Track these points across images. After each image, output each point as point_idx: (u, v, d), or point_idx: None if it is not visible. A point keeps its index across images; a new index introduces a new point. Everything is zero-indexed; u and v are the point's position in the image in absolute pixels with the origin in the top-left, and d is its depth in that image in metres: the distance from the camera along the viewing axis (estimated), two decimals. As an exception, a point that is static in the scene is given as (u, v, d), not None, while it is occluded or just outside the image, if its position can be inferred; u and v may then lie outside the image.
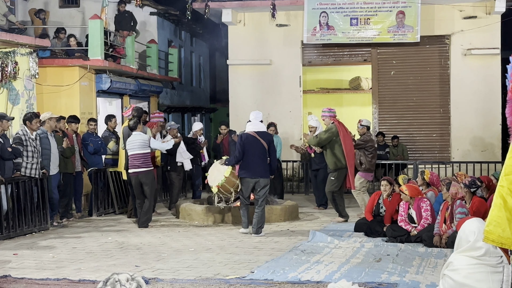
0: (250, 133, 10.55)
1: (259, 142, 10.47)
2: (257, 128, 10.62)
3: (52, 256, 8.86)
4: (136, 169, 11.47)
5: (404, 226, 9.67)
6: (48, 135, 11.49)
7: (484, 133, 17.07)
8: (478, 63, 17.06)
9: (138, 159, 11.44)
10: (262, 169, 10.49)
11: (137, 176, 11.50)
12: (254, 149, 10.44)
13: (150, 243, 9.87)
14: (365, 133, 12.50)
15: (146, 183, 11.48)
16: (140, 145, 11.44)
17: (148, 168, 11.52)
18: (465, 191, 9.10)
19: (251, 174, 10.46)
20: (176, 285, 6.97)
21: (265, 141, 10.52)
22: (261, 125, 10.80)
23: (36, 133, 11.07)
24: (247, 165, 10.47)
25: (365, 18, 16.87)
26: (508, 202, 3.87)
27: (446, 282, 5.09)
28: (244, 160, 10.49)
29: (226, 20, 17.62)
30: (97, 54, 14.81)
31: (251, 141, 10.45)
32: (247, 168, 10.49)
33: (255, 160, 10.44)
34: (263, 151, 10.50)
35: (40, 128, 11.29)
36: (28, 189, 10.81)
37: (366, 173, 12.39)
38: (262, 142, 10.48)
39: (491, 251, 4.88)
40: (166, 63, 20.81)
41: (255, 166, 10.44)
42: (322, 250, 9.09)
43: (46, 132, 11.43)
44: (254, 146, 10.44)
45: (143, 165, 11.45)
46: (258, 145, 10.46)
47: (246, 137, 10.51)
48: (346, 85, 20.58)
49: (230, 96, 18.22)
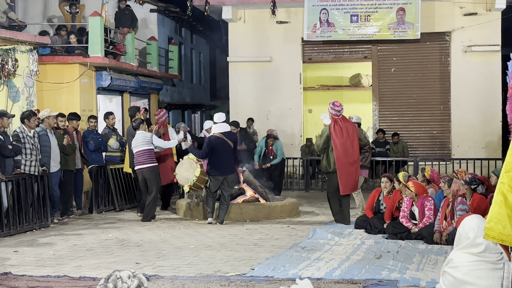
0: (217, 134, 11.37)
1: (225, 142, 11.30)
2: (222, 129, 11.43)
3: (53, 253, 8.86)
4: (141, 165, 11.90)
5: (405, 223, 9.66)
6: (48, 133, 11.49)
7: (484, 130, 17.06)
8: (479, 60, 17.05)
9: (142, 155, 11.86)
10: (230, 166, 11.40)
11: (142, 173, 11.93)
12: (222, 149, 11.27)
13: (151, 240, 9.87)
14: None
15: (150, 179, 11.91)
16: (143, 142, 11.89)
17: (152, 164, 11.93)
18: (466, 188, 9.11)
19: (221, 172, 11.29)
20: (177, 282, 6.97)
21: (230, 140, 11.38)
22: (226, 126, 11.58)
23: (35, 130, 11.06)
24: (216, 164, 11.29)
25: (366, 15, 16.87)
26: (509, 199, 3.88)
27: (447, 279, 5.09)
28: (213, 159, 11.31)
29: (226, 17, 17.61)
30: (97, 52, 14.81)
31: (218, 142, 11.28)
32: (217, 167, 11.30)
33: (223, 159, 11.27)
34: (230, 150, 11.36)
35: (40, 125, 11.31)
36: (29, 186, 10.81)
37: (362, 170, 12.00)
38: (228, 142, 11.32)
39: (491, 247, 4.88)
40: (166, 60, 20.81)
41: (223, 165, 11.29)
42: (323, 247, 9.09)
43: (45, 130, 11.44)
44: (221, 146, 11.27)
45: (147, 161, 11.86)
46: (225, 145, 11.29)
47: (214, 139, 11.33)
48: (346, 82, 20.59)
49: (230, 93, 18.21)
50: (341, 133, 11.06)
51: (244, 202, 12.19)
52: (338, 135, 11.04)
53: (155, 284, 6.87)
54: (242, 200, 12.24)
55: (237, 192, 12.50)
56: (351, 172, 11.11)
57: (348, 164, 11.04)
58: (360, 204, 12.01)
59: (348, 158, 11.05)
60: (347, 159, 11.04)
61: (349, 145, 11.07)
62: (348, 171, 11.06)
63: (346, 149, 11.04)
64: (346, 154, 11.03)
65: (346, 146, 11.05)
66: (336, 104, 11.16)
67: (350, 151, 11.09)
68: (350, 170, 11.09)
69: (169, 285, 6.83)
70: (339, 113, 11.15)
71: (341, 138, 11.03)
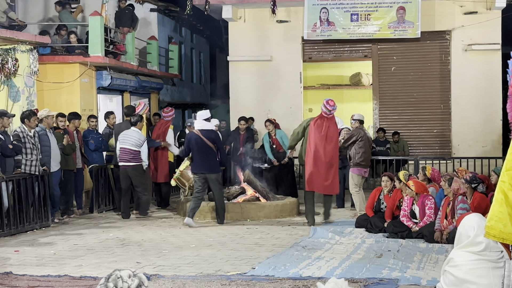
0: (195, 132, 11.29)
1: (202, 140, 11.14)
2: (201, 127, 11.29)
3: (53, 253, 8.86)
4: (126, 162, 12.11)
5: (406, 222, 9.66)
6: (47, 132, 11.49)
7: (485, 128, 17.05)
8: (479, 59, 17.04)
9: (128, 154, 12.08)
10: (207, 165, 11.16)
11: (125, 170, 12.11)
12: (199, 147, 11.16)
13: (151, 240, 9.88)
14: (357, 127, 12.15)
15: (134, 175, 12.09)
16: (134, 143, 12.06)
17: (137, 163, 12.15)
18: (466, 187, 9.10)
19: (198, 169, 11.21)
20: (178, 281, 6.97)
21: (208, 139, 11.16)
22: (206, 124, 11.35)
23: (35, 130, 11.07)
24: (195, 161, 11.29)
25: (366, 14, 16.85)
26: (510, 197, 3.87)
27: (447, 278, 5.09)
28: (193, 157, 11.31)
29: (226, 16, 17.59)
30: (98, 51, 14.80)
31: (195, 140, 11.20)
32: (195, 164, 11.29)
33: (200, 157, 11.16)
34: (207, 148, 11.15)
35: (39, 125, 11.32)
36: (29, 186, 10.82)
37: (357, 168, 11.93)
38: (205, 140, 11.12)
39: (492, 246, 4.88)
40: (167, 59, 20.80)
41: (200, 163, 11.18)
42: (323, 246, 9.09)
43: (45, 129, 11.44)
44: (198, 144, 11.16)
45: (132, 160, 12.09)
46: (202, 143, 11.14)
47: (191, 136, 11.33)
48: (346, 81, 20.57)
49: (231, 92, 18.20)
50: (319, 130, 10.92)
51: (244, 201, 12.19)
52: (316, 130, 10.91)
53: (156, 283, 6.87)
54: (243, 200, 12.25)
55: (237, 191, 12.51)
56: (320, 172, 10.90)
57: (317, 162, 10.87)
58: (357, 204, 11.93)
59: (318, 157, 10.88)
60: (317, 157, 10.88)
61: (322, 144, 10.90)
62: (316, 169, 10.88)
63: (318, 148, 10.90)
64: (317, 152, 10.88)
65: (319, 145, 10.90)
66: (330, 103, 11.03)
67: (322, 150, 10.90)
68: (319, 169, 10.90)
69: (169, 284, 6.83)
70: (329, 113, 11.02)
71: (317, 133, 10.90)
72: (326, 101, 11.08)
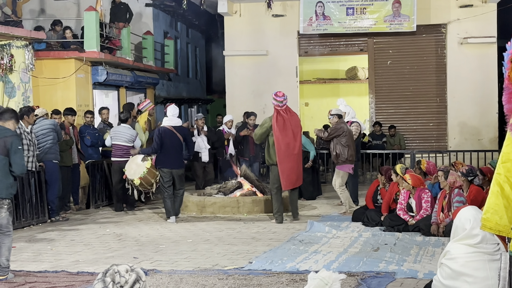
0: (168, 127, 11.21)
1: (175, 135, 11.15)
2: (174, 123, 11.28)
3: (50, 249, 8.86)
4: (119, 158, 12.33)
5: (402, 215, 9.68)
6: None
7: (481, 121, 17.08)
8: (475, 52, 17.05)
9: (121, 150, 12.35)
10: (177, 160, 11.23)
11: (118, 164, 12.29)
12: (171, 142, 11.11)
13: (148, 235, 9.88)
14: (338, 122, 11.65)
15: None
16: (127, 139, 12.38)
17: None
18: (463, 180, 9.12)
19: (169, 165, 11.12)
20: (175, 276, 6.98)
21: (181, 134, 11.25)
22: (178, 120, 11.42)
23: (32, 126, 11.05)
24: (165, 156, 11.12)
25: (361, 8, 16.85)
26: (505, 189, 3.88)
27: (444, 270, 5.10)
28: (161, 152, 11.12)
29: (222, 11, 17.56)
30: (93, 46, 14.75)
31: (168, 135, 11.13)
32: (164, 160, 11.13)
33: (172, 152, 11.12)
34: (179, 144, 11.23)
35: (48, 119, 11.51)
36: (26, 182, 10.80)
37: (346, 165, 11.48)
38: (178, 135, 11.17)
39: (488, 238, 4.89)
40: (162, 54, 20.76)
41: (172, 158, 11.12)
42: (320, 240, 9.11)
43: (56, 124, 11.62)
44: (171, 139, 11.12)
45: (126, 155, 12.27)
46: (175, 138, 11.15)
47: (164, 131, 11.17)
48: (342, 75, 20.58)
49: (227, 87, 18.19)
50: (283, 125, 10.76)
51: (241, 195, 12.19)
52: (280, 127, 10.72)
53: (153, 278, 6.88)
54: (240, 194, 12.26)
55: (234, 186, 12.51)
56: (292, 166, 10.77)
57: (289, 158, 10.73)
58: (346, 202, 11.58)
59: (290, 152, 10.74)
60: (288, 152, 10.72)
61: (290, 138, 10.75)
62: (290, 165, 10.74)
63: (287, 142, 10.73)
64: (287, 147, 10.72)
65: (288, 139, 10.74)
66: (278, 94, 10.81)
67: (292, 144, 10.76)
68: (292, 164, 10.76)
69: (167, 279, 6.84)
70: (282, 104, 10.78)
71: (282, 130, 10.73)
72: (274, 94, 10.85)
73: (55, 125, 11.46)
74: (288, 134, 10.73)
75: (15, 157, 7.14)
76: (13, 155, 7.13)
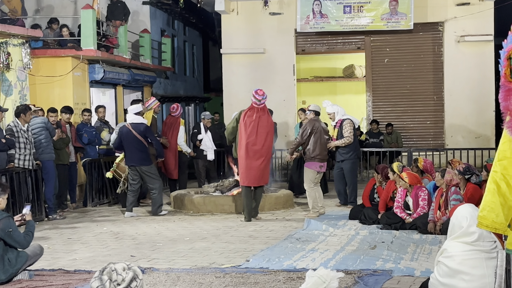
0: (126, 124, 11.78)
1: (131, 132, 11.53)
2: (130, 120, 11.69)
3: (47, 247, 8.84)
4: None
5: (399, 213, 9.69)
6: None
7: (478, 119, 17.10)
8: (472, 50, 17.07)
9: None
10: (137, 157, 11.55)
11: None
12: (128, 139, 11.56)
13: (145, 233, 9.88)
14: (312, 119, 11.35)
15: None
16: None
17: None
18: (460, 178, 9.13)
19: (129, 161, 11.62)
20: (172, 274, 6.98)
21: (137, 131, 11.52)
22: (136, 117, 11.70)
23: (28, 124, 11.04)
24: (125, 153, 11.69)
25: (358, 6, 16.86)
26: (502, 187, 3.88)
27: (441, 268, 5.10)
28: (124, 149, 11.70)
29: (219, 9, 17.55)
30: (90, 44, 14.74)
31: (125, 132, 11.63)
32: (125, 156, 11.71)
33: (130, 149, 11.56)
34: (137, 141, 11.52)
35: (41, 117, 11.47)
36: (22, 180, 10.79)
37: (312, 163, 11.14)
38: (134, 133, 11.49)
39: (485, 236, 4.89)
40: (159, 52, 20.74)
41: (130, 154, 11.59)
42: (317, 238, 9.11)
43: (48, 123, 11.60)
44: (128, 136, 11.57)
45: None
46: (130, 135, 11.54)
47: (122, 129, 11.76)
48: (340, 73, 20.59)
49: (224, 85, 18.19)
50: (250, 122, 10.74)
51: (238, 194, 12.18)
52: (246, 122, 10.73)
53: (150, 276, 6.88)
54: (237, 192, 12.25)
55: (232, 184, 12.51)
56: (252, 165, 10.73)
57: (249, 155, 10.73)
58: (310, 202, 11.21)
59: (250, 149, 10.73)
60: (249, 150, 10.72)
61: (254, 137, 10.72)
62: (249, 162, 10.73)
63: (250, 140, 10.72)
64: (248, 145, 10.71)
65: (251, 137, 10.72)
66: (258, 92, 10.80)
67: (254, 142, 10.72)
68: (252, 162, 10.73)
69: (164, 277, 6.84)
70: (259, 102, 10.77)
71: (248, 126, 10.71)
72: (255, 91, 10.86)
73: (46, 123, 11.43)
74: (252, 131, 10.73)
75: (11, 240, 6.73)
76: (8, 239, 6.70)
